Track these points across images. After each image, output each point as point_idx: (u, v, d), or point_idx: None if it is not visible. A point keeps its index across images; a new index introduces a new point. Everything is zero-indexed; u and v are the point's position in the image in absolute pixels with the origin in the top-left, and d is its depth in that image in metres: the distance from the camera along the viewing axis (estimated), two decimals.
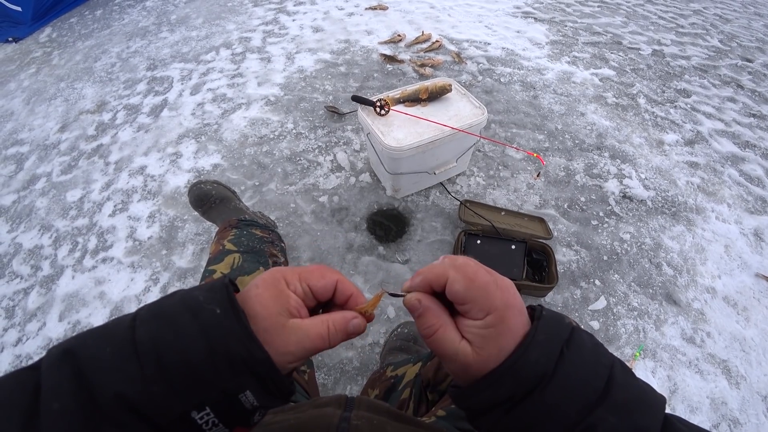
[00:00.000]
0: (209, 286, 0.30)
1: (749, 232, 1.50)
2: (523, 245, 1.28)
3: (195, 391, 0.26)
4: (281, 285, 0.30)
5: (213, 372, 0.26)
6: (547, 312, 0.31)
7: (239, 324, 0.27)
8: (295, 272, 0.32)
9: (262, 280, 0.31)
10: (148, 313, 0.28)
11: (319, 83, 2.09)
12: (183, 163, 1.74)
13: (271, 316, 0.29)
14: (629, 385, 0.29)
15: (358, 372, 1.15)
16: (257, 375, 0.27)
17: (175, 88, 2.16)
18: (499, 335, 0.29)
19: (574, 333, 0.30)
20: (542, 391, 0.27)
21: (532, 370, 0.28)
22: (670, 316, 1.27)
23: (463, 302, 0.30)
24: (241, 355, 0.27)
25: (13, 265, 1.48)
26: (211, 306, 0.28)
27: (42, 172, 1.82)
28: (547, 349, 0.29)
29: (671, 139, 1.85)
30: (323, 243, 1.42)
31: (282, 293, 0.30)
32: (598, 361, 0.29)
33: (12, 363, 1.23)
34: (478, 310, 0.30)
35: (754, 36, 2.71)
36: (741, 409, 1.10)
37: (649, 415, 0.28)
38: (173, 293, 0.30)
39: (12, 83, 2.42)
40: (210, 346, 0.26)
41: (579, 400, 0.27)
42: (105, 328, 0.28)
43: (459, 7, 2.78)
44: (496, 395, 0.29)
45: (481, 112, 1.33)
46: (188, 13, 2.87)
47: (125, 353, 0.26)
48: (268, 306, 0.29)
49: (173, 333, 0.26)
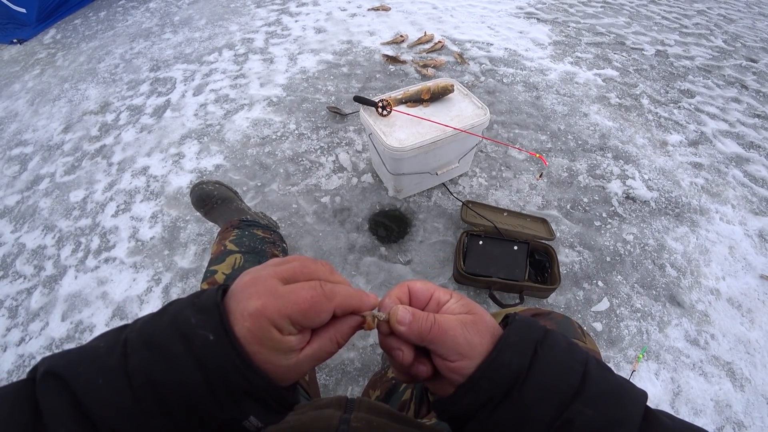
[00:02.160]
0: (201, 305, 0.28)
1: (754, 234, 1.49)
2: (525, 246, 1.27)
3: (197, 423, 0.25)
4: (275, 335, 0.27)
5: (214, 404, 0.25)
6: (521, 317, 0.32)
7: (234, 352, 0.26)
8: (283, 315, 0.27)
9: (251, 335, 0.26)
10: (138, 340, 0.26)
11: (321, 84, 2.09)
12: (185, 163, 1.75)
13: (280, 365, 0.28)
14: (604, 379, 0.29)
15: (359, 373, 1.15)
16: (260, 400, 0.27)
17: (178, 89, 2.17)
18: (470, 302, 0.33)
19: (548, 333, 0.31)
20: (520, 390, 0.28)
21: (507, 370, 0.29)
22: (674, 318, 1.26)
23: (429, 293, 0.34)
24: (240, 384, 0.26)
25: (16, 265, 1.49)
26: (204, 332, 0.26)
27: (45, 172, 1.83)
28: (520, 349, 0.29)
29: (675, 140, 1.84)
30: (325, 244, 1.42)
31: (279, 343, 0.27)
32: (573, 357, 0.30)
33: (15, 363, 1.24)
34: (443, 293, 0.33)
35: (758, 36, 2.69)
36: (745, 412, 1.09)
37: (626, 407, 0.28)
38: (164, 309, 0.28)
39: (16, 84, 2.44)
40: (207, 378, 0.25)
41: (555, 396, 0.28)
42: (95, 352, 0.26)
43: (461, 8, 2.78)
44: (476, 399, 0.29)
45: (483, 113, 1.32)
46: (191, 15, 2.89)
47: (119, 385, 0.24)
48: (272, 360, 0.27)
49: (167, 363, 0.25)
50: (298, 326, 0.28)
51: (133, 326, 0.28)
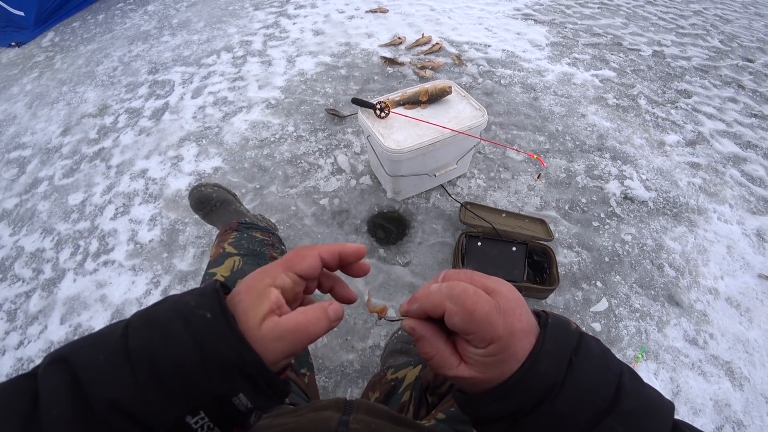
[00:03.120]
0: (200, 291, 0.30)
1: (751, 233, 1.49)
2: (524, 247, 1.27)
3: (189, 396, 0.26)
4: (262, 284, 0.30)
5: (205, 377, 0.26)
6: (553, 319, 0.31)
7: (229, 327, 0.27)
8: (277, 265, 0.32)
9: (244, 284, 0.31)
10: (140, 320, 0.28)
11: (319, 86, 2.09)
12: (184, 166, 1.75)
13: (250, 319, 0.29)
14: (638, 393, 0.28)
15: (358, 375, 1.14)
16: (248, 377, 0.27)
17: (176, 91, 2.17)
18: (502, 362, 0.28)
19: (582, 340, 0.30)
20: (552, 402, 0.27)
21: (542, 381, 0.27)
22: (673, 318, 1.26)
23: (464, 334, 0.29)
24: (232, 359, 0.27)
25: (15, 268, 1.49)
26: (202, 311, 0.28)
27: (44, 175, 1.83)
28: (557, 358, 0.28)
29: (672, 140, 1.84)
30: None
31: (262, 294, 0.30)
32: (607, 368, 0.29)
33: (14, 366, 1.24)
34: (479, 340, 0.29)
35: (754, 36, 2.70)
36: (745, 411, 1.09)
37: (658, 423, 0.28)
38: (165, 299, 0.30)
39: (15, 87, 2.44)
40: (202, 351, 0.26)
41: (589, 408, 0.27)
42: (99, 336, 0.28)
43: (459, 10, 2.79)
44: (506, 407, 0.28)
45: (481, 114, 1.33)
46: (190, 17, 2.89)
47: (118, 360, 0.26)
48: (248, 309, 0.29)
49: (165, 339, 0.26)
50: (290, 274, 0.31)
51: (135, 313, 0.29)
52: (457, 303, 0.29)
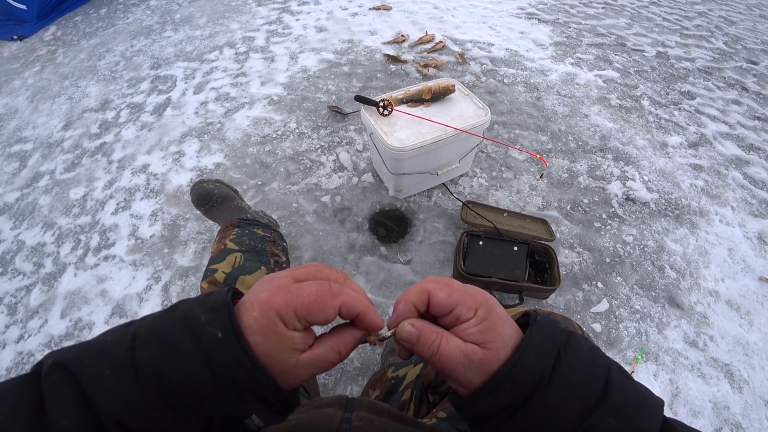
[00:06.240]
0: (211, 303, 0.28)
1: (753, 236, 1.49)
2: (525, 247, 1.27)
3: (200, 419, 0.26)
4: (279, 328, 0.28)
5: (218, 400, 0.26)
6: (542, 317, 0.32)
7: (242, 350, 0.26)
8: (289, 307, 0.28)
9: (257, 324, 0.27)
10: (148, 333, 0.27)
11: (322, 83, 2.09)
12: (186, 161, 1.75)
13: (280, 362, 0.28)
14: (627, 387, 0.29)
15: (358, 372, 1.15)
16: (263, 400, 0.27)
17: (178, 86, 2.17)
18: (495, 323, 0.30)
19: (571, 336, 0.31)
20: (542, 395, 0.28)
21: (530, 373, 0.28)
22: (673, 320, 1.26)
23: (451, 307, 0.30)
24: (246, 382, 0.26)
25: (15, 262, 1.49)
26: (213, 328, 0.27)
27: (45, 169, 1.83)
28: (543, 352, 0.29)
29: (675, 142, 1.84)
30: (325, 243, 1.42)
31: (283, 337, 0.28)
32: (596, 363, 0.30)
33: (14, 360, 1.24)
34: (467, 309, 0.30)
35: (759, 38, 2.69)
36: (744, 414, 1.09)
37: (647, 417, 0.28)
38: (175, 306, 0.29)
39: (16, 81, 2.43)
40: (213, 373, 0.25)
41: (579, 402, 0.28)
42: (104, 345, 0.27)
43: (463, 8, 2.78)
44: (497, 402, 0.29)
45: (484, 113, 1.32)
46: (192, 12, 2.88)
47: (126, 378, 0.25)
48: (273, 354, 0.28)
49: (175, 358, 0.26)
50: (303, 321, 0.28)
51: (142, 321, 0.28)
52: (436, 282, 0.32)
